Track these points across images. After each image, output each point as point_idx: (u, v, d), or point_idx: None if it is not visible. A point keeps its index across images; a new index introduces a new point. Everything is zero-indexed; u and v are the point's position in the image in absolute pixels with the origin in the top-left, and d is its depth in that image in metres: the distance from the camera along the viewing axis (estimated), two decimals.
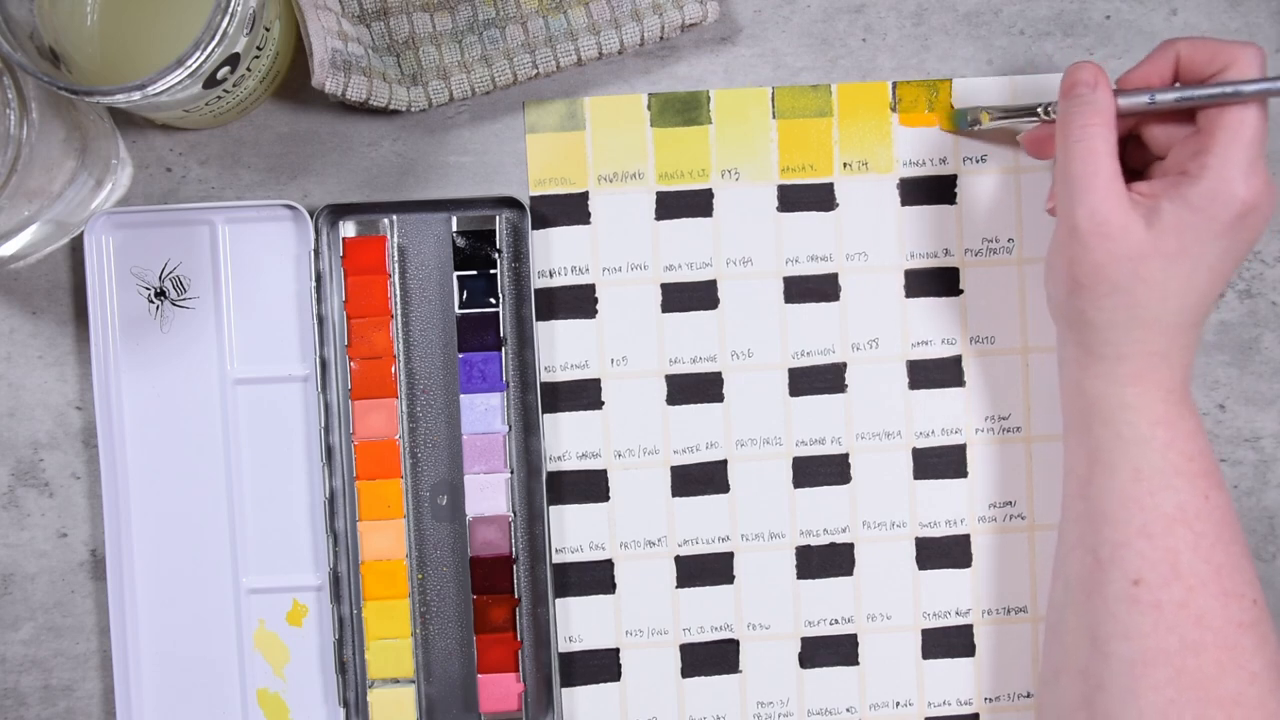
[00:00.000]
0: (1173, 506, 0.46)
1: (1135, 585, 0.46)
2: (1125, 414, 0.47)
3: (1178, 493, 0.46)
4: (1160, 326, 0.46)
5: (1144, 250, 0.45)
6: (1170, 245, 0.45)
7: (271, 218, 0.54)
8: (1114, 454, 0.47)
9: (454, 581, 0.55)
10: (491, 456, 0.54)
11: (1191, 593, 0.45)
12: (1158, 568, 0.46)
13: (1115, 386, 0.47)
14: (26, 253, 0.52)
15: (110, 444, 0.54)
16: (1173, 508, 0.46)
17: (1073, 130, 0.46)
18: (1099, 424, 0.47)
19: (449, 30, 0.53)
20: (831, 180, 0.55)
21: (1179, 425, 0.47)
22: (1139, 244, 0.45)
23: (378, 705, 0.54)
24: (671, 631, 0.55)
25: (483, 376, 0.54)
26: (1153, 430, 0.47)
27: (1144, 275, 0.45)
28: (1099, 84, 0.46)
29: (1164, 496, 0.46)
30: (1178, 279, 0.45)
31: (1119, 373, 0.47)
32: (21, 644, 0.55)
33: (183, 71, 0.44)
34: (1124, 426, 0.47)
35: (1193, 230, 0.45)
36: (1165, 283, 0.45)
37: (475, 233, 0.54)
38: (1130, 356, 0.47)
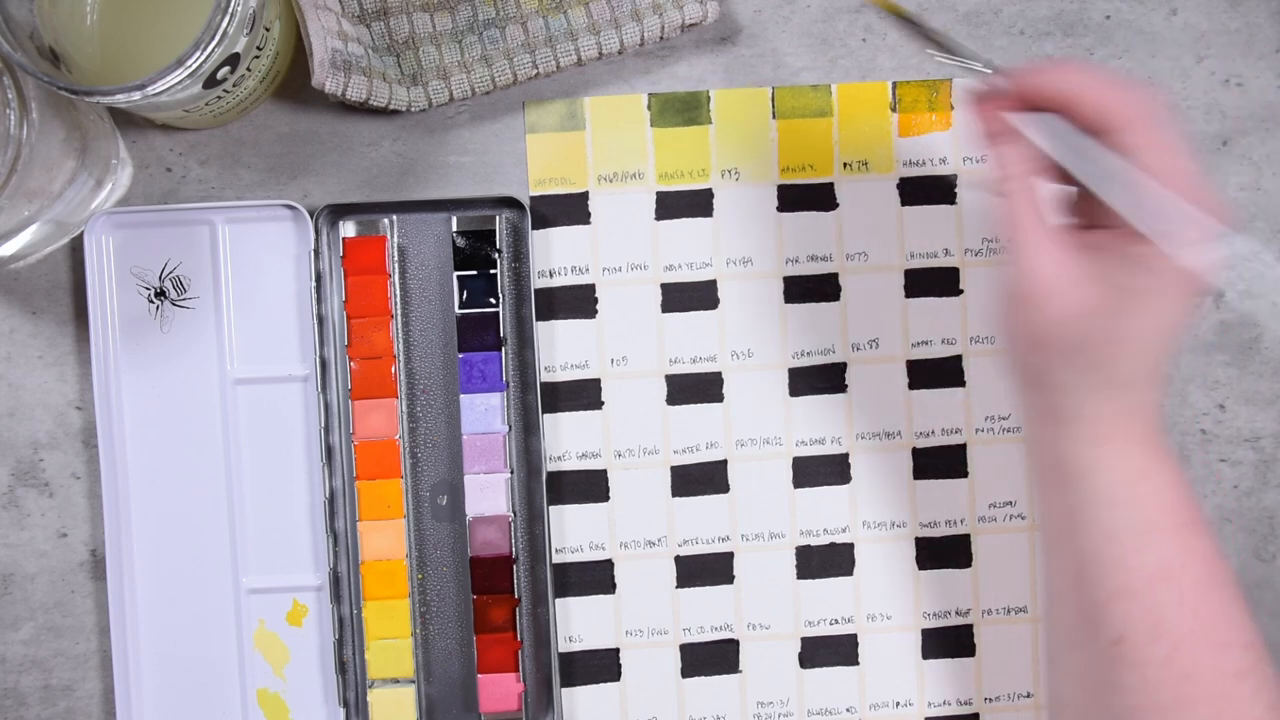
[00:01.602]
0: (1154, 564, 0.43)
1: (1117, 644, 0.44)
2: (1097, 476, 0.44)
3: (1159, 550, 0.43)
4: (1126, 382, 0.43)
5: (1097, 306, 0.42)
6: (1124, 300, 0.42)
7: (271, 218, 0.54)
8: (1089, 514, 0.44)
9: (454, 581, 0.55)
10: (491, 456, 0.54)
11: (1177, 649, 0.43)
12: (1140, 625, 0.43)
13: (1085, 447, 0.44)
14: (26, 253, 0.52)
15: (110, 444, 0.54)
16: (1154, 565, 0.43)
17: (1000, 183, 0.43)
18: (1072, 484, 0.45)
19: (449, 30, 0.53)
20: (831, 180, 0.55)
21: (1154, 478, 0.44)
22: (1091, 300, 0.42)
23: (378, 705, 0.54)
24: (671, 631, 0.55)
25: (483, 376, 0.54)
26: (1129, 489, 0.44)
27: (1103, 331, 0.42)
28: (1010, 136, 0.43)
29: (1145, 556, 0.43)
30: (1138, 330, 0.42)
31: (1087, 434, 0.44)
32: (21, 644, 0.55)
33: (183, 71, 0.44)
34: (1096, 488, 0.44)
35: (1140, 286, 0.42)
36: (1126, 337, 0.42)
37: (475, 233, 0.54)
38: (1098, 417, 0.44)
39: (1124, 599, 0.44)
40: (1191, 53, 0.56)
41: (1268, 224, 0.56)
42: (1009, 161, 0.43)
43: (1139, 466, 0.44)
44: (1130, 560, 0.44)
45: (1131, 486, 0.44)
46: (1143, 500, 0.44)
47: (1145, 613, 0.43)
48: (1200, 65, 0.56)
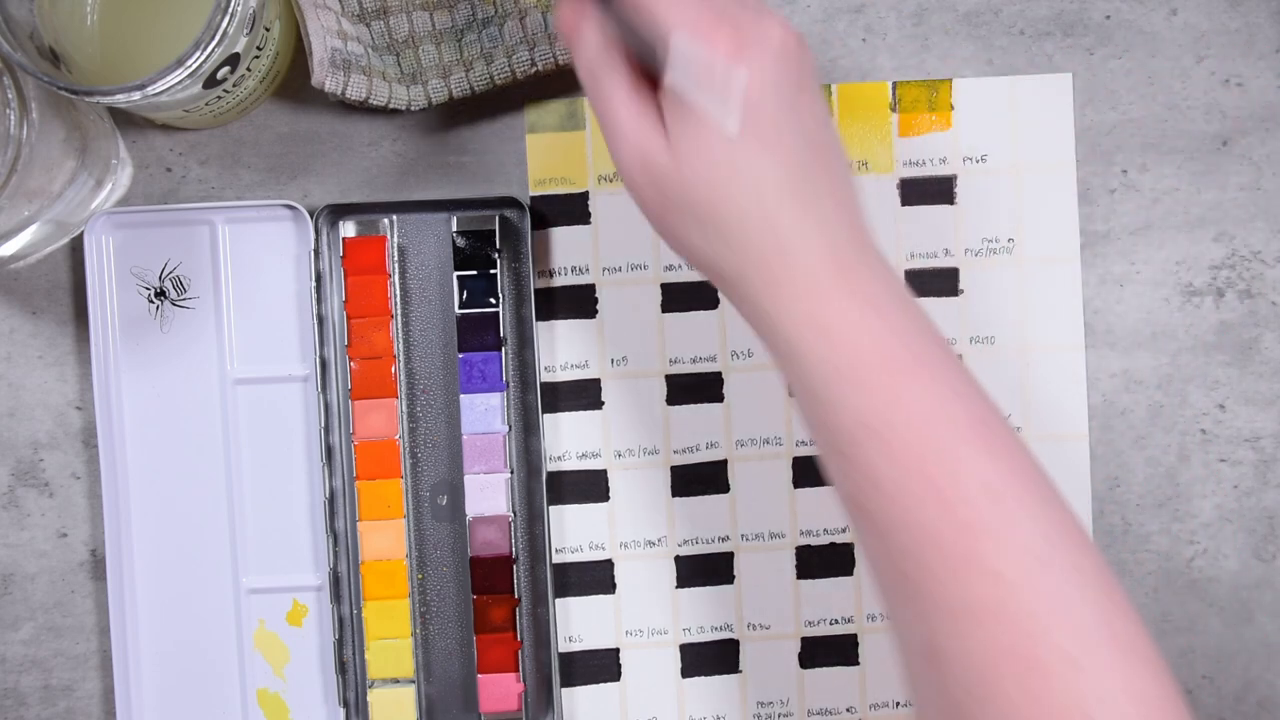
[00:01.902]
0: (852, 419, 0.38)
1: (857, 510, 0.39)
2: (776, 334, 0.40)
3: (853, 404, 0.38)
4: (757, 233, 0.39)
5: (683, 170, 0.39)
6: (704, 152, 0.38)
7: (271, 218, 0.54)
8: (786, 373, 0.40)
9: (454, 581, 0.55)
10: (491, 456, 0.54)
11: (905, 510, 0.38)
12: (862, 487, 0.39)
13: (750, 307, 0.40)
14: (26, 253, 0.52)
15: (110, 444, 0.54)
16: (852, 420, 0.38)
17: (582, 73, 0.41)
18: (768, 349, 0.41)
19: (448, 28, 0.53)
20: None
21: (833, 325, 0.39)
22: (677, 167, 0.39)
23: (378, 705, 0.54)
24: (671, 631, 0.55)
25: (483, 376, 0.54)
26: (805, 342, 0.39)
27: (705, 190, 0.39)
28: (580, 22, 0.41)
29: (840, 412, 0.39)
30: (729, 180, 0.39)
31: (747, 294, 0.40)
32: (21, 644, 0.55)
33: (183, 71, 0.44)
34: (779, 346, 0.40)
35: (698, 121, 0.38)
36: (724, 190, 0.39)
37: (475, 233, 0.54)
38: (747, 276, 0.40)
39: (846, 461, 0.39)
40: (1191, 53, 0.56)
41: (1268, 224, 0.56)
42: (585, 47, 0.40)
43: (817, 315, 0.39)
44: (837, 419, 0.39)
45: (815, 337, 0.39)
46: (830, 351, 0.39)
47: (863, 472, 0.39)
48: (1200, 65, 0.56)
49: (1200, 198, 0.56)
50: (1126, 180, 0.56)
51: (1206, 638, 0.56)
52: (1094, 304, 0.56)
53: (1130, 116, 0.56)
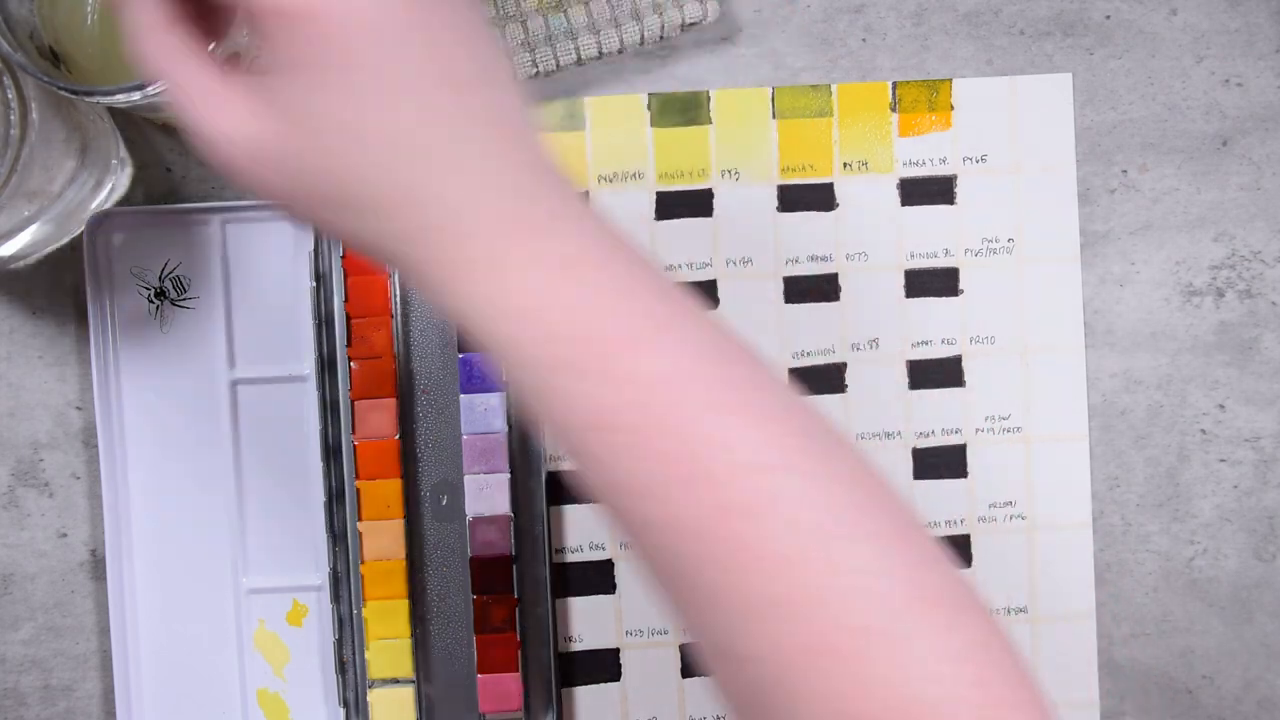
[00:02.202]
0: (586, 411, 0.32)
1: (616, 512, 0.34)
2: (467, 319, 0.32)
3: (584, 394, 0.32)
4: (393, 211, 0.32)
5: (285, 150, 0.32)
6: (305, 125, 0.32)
7: (271, 218, 0.54)
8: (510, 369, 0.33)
9: (454, 581, 0.55)
10: (491, 456, 0.54)
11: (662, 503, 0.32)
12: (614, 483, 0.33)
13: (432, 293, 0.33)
14: (26, 253, 0.52)
15: (110, 444, 0.54)
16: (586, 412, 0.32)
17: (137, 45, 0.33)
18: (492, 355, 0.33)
19: None
20: (831, 180, 0.55)
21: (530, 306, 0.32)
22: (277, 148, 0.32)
23: (378, 705, 0.54)
24: (671, 631, 0.55)
25: (483, 376, 0.54)
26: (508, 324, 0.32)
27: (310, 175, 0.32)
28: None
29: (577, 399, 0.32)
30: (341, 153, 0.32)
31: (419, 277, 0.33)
32: (21, 644, 0.55)
33: None
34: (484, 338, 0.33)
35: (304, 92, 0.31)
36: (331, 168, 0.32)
37: None
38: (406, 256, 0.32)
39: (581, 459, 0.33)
40: (1191, 53, 0.56)
41: (1268, 224, 0.56)
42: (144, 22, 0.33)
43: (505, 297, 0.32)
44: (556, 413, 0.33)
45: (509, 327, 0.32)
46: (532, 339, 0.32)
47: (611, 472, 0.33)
48: (1200, 65, 0.56)
49: (1200, 198, 0.56)
50: (1126, 180, 0.56)
51: (1206, 638, 0.56)
52: (1094, 304, 0.56)
53: (1130, 116, 0.56)
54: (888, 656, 0.31)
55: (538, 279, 0.31)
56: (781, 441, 0.32)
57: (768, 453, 0.32)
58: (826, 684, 0.31)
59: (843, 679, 0.31)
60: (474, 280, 0.32)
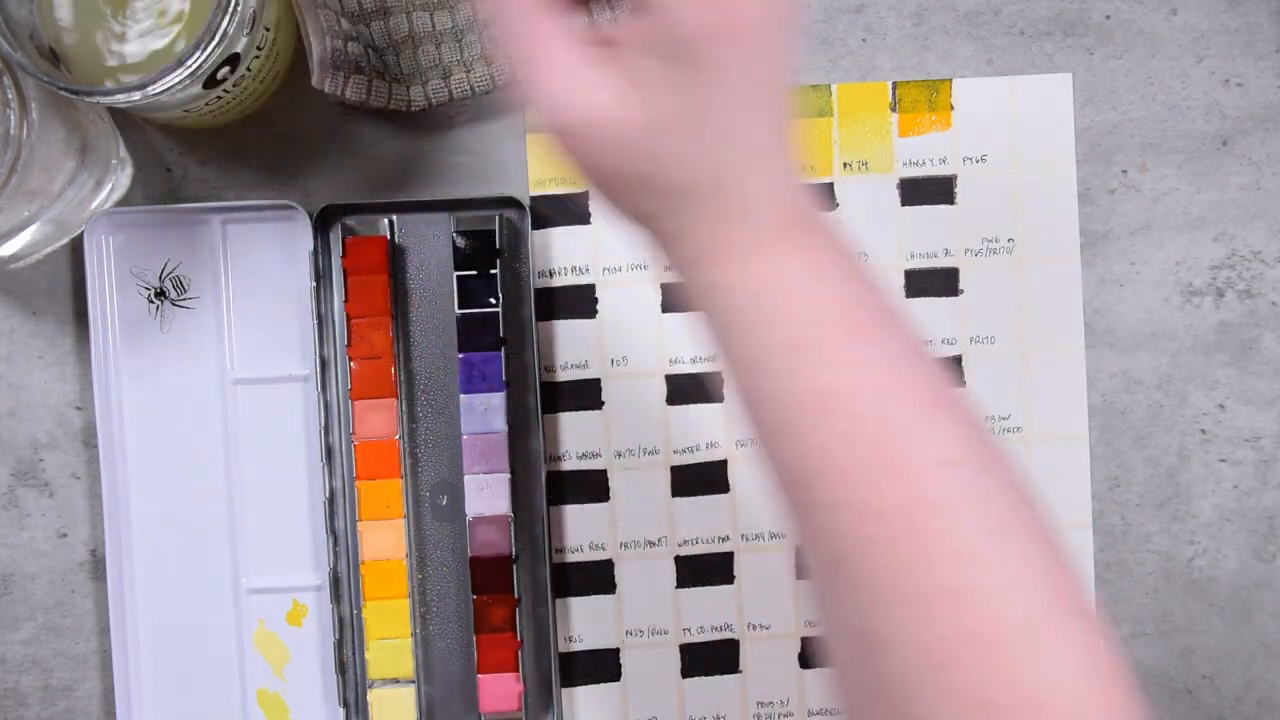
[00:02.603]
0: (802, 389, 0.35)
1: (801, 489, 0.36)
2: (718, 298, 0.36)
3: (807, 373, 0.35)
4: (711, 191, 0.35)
5: (633, 126, 0.34)
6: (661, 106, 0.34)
7: (271, 218, 0.54)
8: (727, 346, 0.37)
9: (454, 581, 0.55)
10: (491, 456, 0.54)
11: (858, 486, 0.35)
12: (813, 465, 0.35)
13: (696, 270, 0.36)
14: (26, 253, 0.52)
15: (110, 444, 0.54)
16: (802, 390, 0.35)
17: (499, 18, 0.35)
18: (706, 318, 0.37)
19: (449, 29, 0.53)
20: (831, 180, 0.55)
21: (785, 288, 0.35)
22: (624, 122, 0.34)
23: (378, 705, 0.54)
24: (671, 631, 0.55)
25: (483, 376, 0.54)
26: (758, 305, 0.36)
27: (659, 145, 0.34)
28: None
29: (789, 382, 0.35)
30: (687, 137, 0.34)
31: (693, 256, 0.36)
32: (21, 644, 0.55)
33: (183, 71, 0.44)
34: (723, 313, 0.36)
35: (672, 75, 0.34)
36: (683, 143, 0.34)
37: (475, 233, 0.54)
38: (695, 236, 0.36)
39: (782, 438, 0.36)
40: (1191, 53, 0.56)
41: (1268, 224, 0.56)
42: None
43: (762, 281, 0.35)
44: (781, 392, 0.36)
45: (758, 304, 0.35)
46: (774, 318, 0.35)
47: (812, 450, 0.35)
48: (1200, 65, 0.56)
49: (1200, 198, 0.56)
50: (1126, 180, 0.56)
51: (1206, 638, 0.56)
52: (1094, 304, 0.56)
53: (1130, 116, 0.56)
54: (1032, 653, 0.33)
55: (792, 266, 0.35)
56: (968, 439, 0.35)
57: (957, 449, 0.35)
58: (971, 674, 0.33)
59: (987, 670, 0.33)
60: (747, 264, 0.35)
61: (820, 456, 0.35)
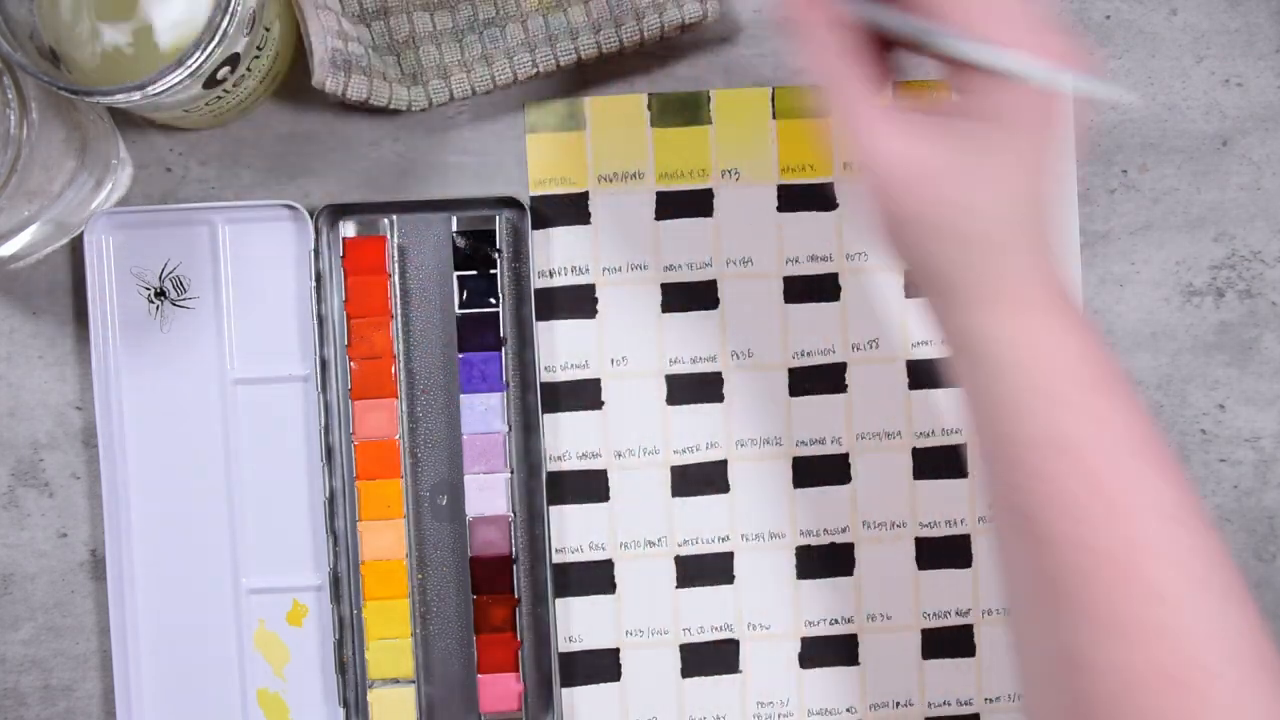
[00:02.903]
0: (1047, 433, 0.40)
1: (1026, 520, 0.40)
2: (983, 345, 0.41)
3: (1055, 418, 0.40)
4: (999, 247, 0.40)
5: (950, 176, 0.39)
6: (975, 162, 0.39)
7: (271, 218, 0.54)
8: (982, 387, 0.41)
9: (454, 581, 0.55)
10: (491, 456, 0.54)
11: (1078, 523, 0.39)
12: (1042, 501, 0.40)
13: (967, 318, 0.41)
14: (26, 253, 0.52)
15: (110, 444, 0.54)
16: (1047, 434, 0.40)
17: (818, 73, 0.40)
18: (963, 358, 0.42)
19: (449, 29, 0.53)
20: (831, 180, 0.55)
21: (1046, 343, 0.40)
22: (943, 172, 0.39)
23: (378, 705, 0.54)
24: (671, 631, 0.55)
25: (483, 376, 0.54)
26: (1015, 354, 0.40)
27: (964, 199, 0.39)
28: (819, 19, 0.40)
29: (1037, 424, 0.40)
30: (997, 191, 0.39)
31: (967, 303, 0.41)
32: (21, 644, 0.55)
33: (183, 71, 0.44)
34: (984, 358, 0.41)
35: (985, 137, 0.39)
36: (986, 200, 0.39)
37: (475, 233, 0.54)
38: (976, 285, 0.40)
39: (1024, 473, 0.40)
40: (1191, 53, 0.56)
41: (1268, 224, 0.56)
42: (824, 47, 0.40)
43: (1025, 331, 0.40)
44: (1025, 432, 0.40)
45: (1017, 351, 0.40)
46: (1032, 366, 0.40)
47: (1047, 486, 0.40)
48: (1200, 65, 0.56)
49: (1200, 198, 0.56)
50: (1126, 180, 0.56)
51: None
52: (1094, 304, 0.56)
53: (1130, 116, 0.56)
54: (1232, 700, 0.38)
55: (1057, 329, 0.40)
56: (1184, 499, 0.40)
57: (1176, 507, 0.39)
58: (1165, 708, 0.38)
59: (1189, 708, 0.37)
60: (1013, 315, 0.40)
61: (1050, 492, 0.39)
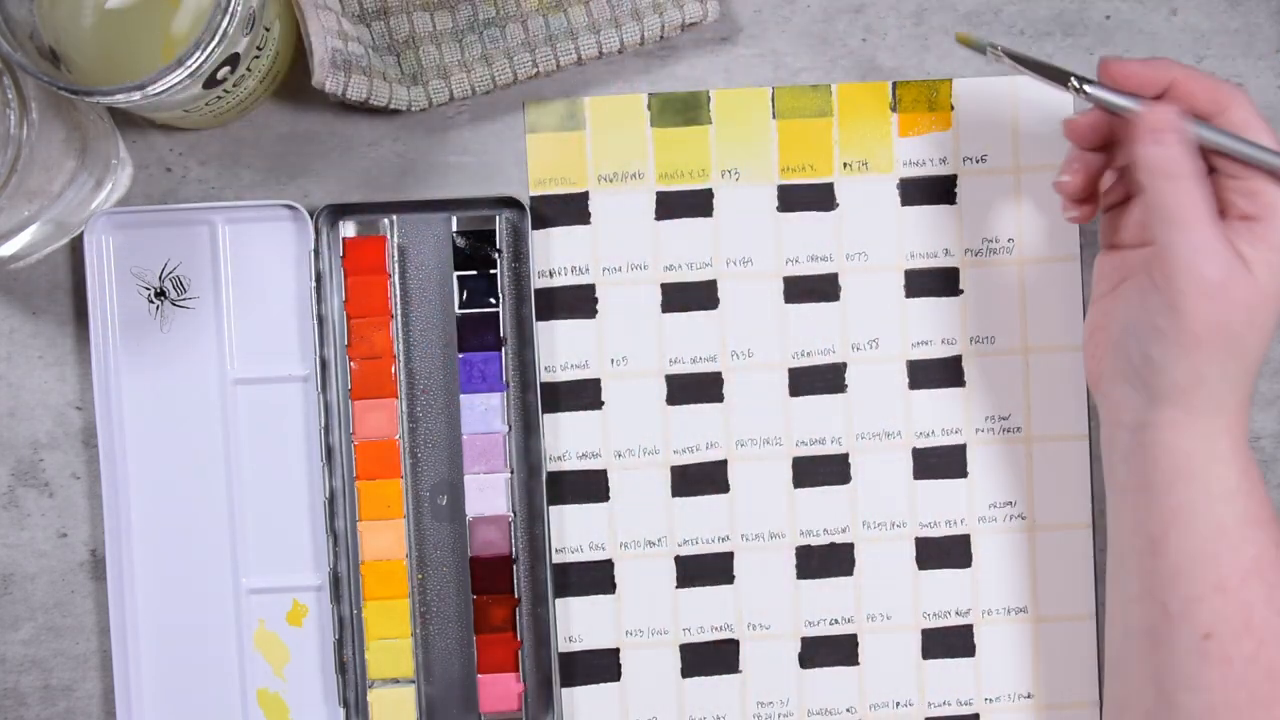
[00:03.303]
0: (1249, 559, 0.45)
1: (1206, 639, 0.44)
2: (1216, 468, 0.45)
3: (1255, 544, 0.45)
4: (1251, 376, 0.45)
5: (1255, 297, 0.43)
6: (1270, 288, 0.43)
7: (271, 218, 0.54)
8: (1199, 510, 0.45)
9: (454, 581, 0.55)
10: (491, 456, 0.54)
11: (1263, 646, 0.44)
12: (1230, 622, 0.44)
13: (1208, 442, 0.45)
14: (26, 253, 0.52)
15: (110, 444, 0.54)
16: (1249, 560, 0.45)
17: (1167, 182, 0.44)
18: (1183, 482, 0.45)
19: (449, 29, 0.53)
20: (831, 180, 0.55)
21: (1253, 472, 0.46)
22: (1252, 291, 0.43)
23: (378, 705, 0.54)
24: (671, 631, 0.55)
25: (483, 376, 0.54)
26: (1240, 482, 0.45)
27: (1256, 323, 0.44)
28: (1184, 131, 0.44)
29: (1244, 550, 0.45)
30: (1274, 323, 0.44)
31: (1215, 426, 0.45)
32: (21, 644, 0.55)
33: (183, 71, 0.44)
34: (1214, 481, 0.45)
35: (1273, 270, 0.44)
36: (1267, 327, 0.44)
37: (475, 233, 0.54)
38: (1228, 409, 0.45)
39: (1218, 594, 0.45)
40: (1191, 53, 0.56)
41: None
42: (1181, 154, 0.44)
43: (1247, 460, 0.46)
44: (1230, 555, 0.45)
45: (1242, 479, 0.45)
46: (1249, 494, 0.45)
47: (1237, 608, 0.44)
48: (1200, 65, 0.56)
49: None
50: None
51: None
52: None
53: None
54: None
55: (1251, 459, 0.46)
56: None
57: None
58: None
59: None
60: (1240, 439, 0.46)
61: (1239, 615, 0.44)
